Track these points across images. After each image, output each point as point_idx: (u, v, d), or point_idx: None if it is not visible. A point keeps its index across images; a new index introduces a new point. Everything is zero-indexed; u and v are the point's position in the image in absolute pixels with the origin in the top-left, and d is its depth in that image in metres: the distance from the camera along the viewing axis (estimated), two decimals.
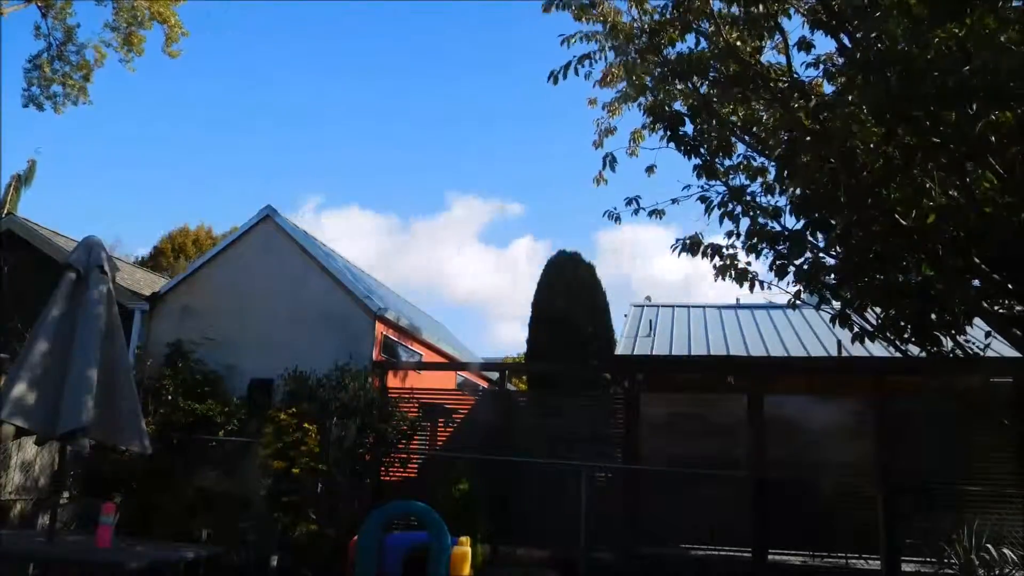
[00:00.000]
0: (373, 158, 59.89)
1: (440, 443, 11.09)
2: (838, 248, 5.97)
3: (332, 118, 57.45)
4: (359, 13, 55.69)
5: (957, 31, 4.32)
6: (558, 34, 6.88)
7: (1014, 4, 4.44)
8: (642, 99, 6.99)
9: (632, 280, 55.62)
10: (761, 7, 5.69)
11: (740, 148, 6.71)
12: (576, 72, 6.59)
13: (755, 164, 6.63)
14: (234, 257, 12.10)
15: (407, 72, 55.44)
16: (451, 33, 54.49)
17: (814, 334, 12.51)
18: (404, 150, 59.55)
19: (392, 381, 11.18)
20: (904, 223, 5.45)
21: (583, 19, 6.83)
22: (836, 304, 6.27)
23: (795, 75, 6.09)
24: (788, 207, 6.19)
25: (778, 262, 5.98)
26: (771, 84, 6.11)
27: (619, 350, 12.36)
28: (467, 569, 6.92)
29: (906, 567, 8.58)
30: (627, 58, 6.77)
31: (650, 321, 13.60)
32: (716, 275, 6.24)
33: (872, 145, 5.43)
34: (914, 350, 6.57)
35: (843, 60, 6.02)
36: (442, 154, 60.24)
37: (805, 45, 5.91)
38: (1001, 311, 6.02)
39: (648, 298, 15.99)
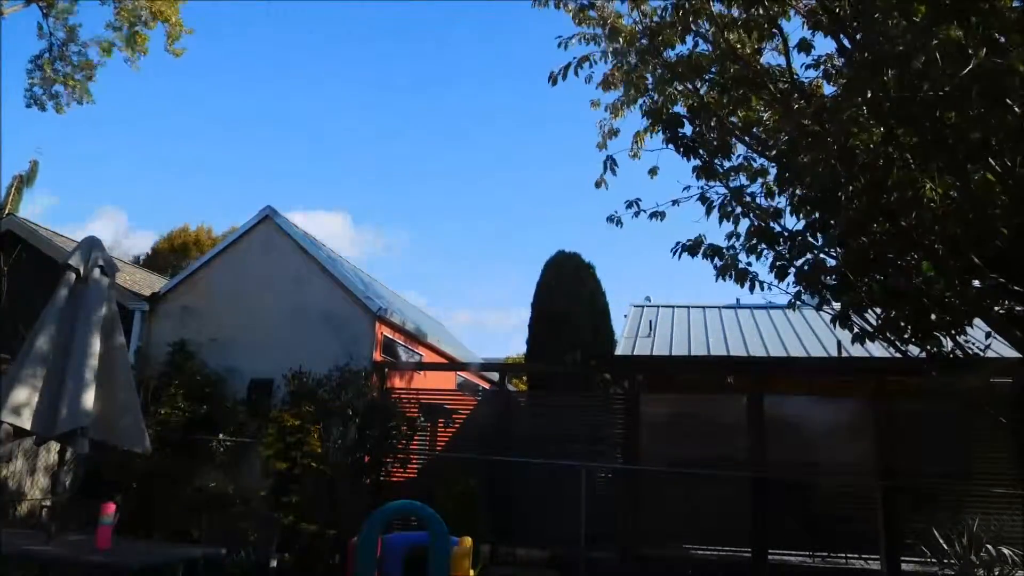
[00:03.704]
0: (373, 161, 59.89)
1: (440, 443, 11.10)
2: (838, 248, 5.96)
3: (332, 121, 57.45)
4: (360, 14, 55.69)
5: (958, 32, 4.31)
6: (555, 36, 6.87)
7: (1014, 5, 4.44)
8: (642, 100, 6.98)
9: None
10: (760, 9, 5.69)
11: (740, 149, 6.71)
12: (576, 74, 6.57)
13: (755, 165, 6.63)
14: (234, 257, 12.11)
15: (408, 74, 55.46)
16: (452, 36, 54.51)
17: (814, 334, 12.51)
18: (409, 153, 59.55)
19: (392, 381, 11.19)
20: (904, 223, 5.44)
21: (582, 23, 6.82)
22: (836, 305, 6.26)
23: (795, 76, 6.09)
24: (788, 208, 6.18)
25: (778, 263, 5.96)
26: (771, 85, 6.10)
27: (619, 350, 12.37)
28: (467, 569, 6.91)
29: (906, 567, 8.57)
30: (626, 60, 6.75)
31: (650, 321, 13.61)
32: (717, 276, 6.23)
33: (872, 146, 5.43)
34: (914, 350, 6.57)
35: (843, 61, 6.02)
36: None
37: (805, 46, 5.91)
38: (1001, 311, 6.01)
39: (648, 298, 15.99)
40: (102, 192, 57.33)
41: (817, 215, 5.87)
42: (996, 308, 5.96)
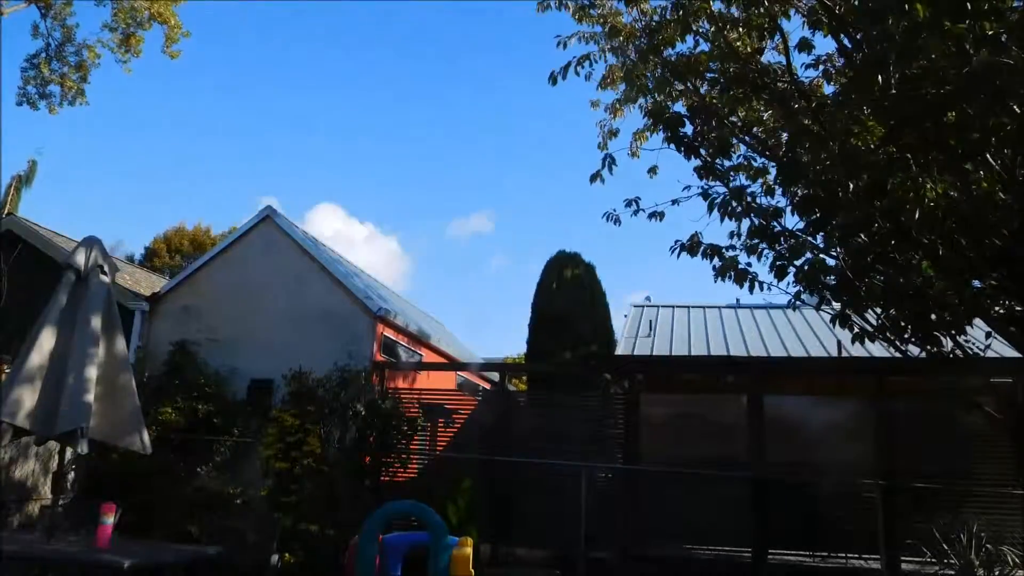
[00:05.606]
0: (372, 163, 59.92)
1: (440, 443, 11.10)
2: (838, 248, 5.97)
3: (331, 121, 57.45)
4: (359, 16, 55.70)
5: (958, 32, 4.31)
6: (555, 35, 6.90)
7: (1015, 5, 4.44)
8: (643, 100, 6.99)
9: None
10: (761, 8, 5.70)
11: (741, 149, 6.71)
12: (576, 73, 6.59)
13: (756, 165, 6.63)
14: (234, 257, 12.11)
15: (408, 76, 55.48)
16: (451, 36, 54.51)
17: (814, 334, 12.51)
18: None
19: (393, 381, 11.18)
20: (904, 223, 5.45)
21: (583, 20, 6.84)
22: (836, 304, 6.26)
23: (795, 75, 6.09)
24: (788, 207, 6.19)
25: (778, 263, 5.97)
26: (771, 85, 6.11)
27: (619, 350, 12.36)
28: (467, 569, 6.91)
29: (906, 567, 8.57)
30: (626, 59, 6.78)
31: (650, 321, 13.59)
32: (716, 276, 6.23)
33: (872, 146, 5.43)
34: (914, 350, 6.57)
35: (843, 61, 6.03)
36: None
37: (805, 45, 5.92)
38: (1001, 311, 6.02)
39: (648, 298, 15.98)
40: (103, 192, 57.31)
41: (817, 214, 5.87)
42: (996, 308, 5.97)
